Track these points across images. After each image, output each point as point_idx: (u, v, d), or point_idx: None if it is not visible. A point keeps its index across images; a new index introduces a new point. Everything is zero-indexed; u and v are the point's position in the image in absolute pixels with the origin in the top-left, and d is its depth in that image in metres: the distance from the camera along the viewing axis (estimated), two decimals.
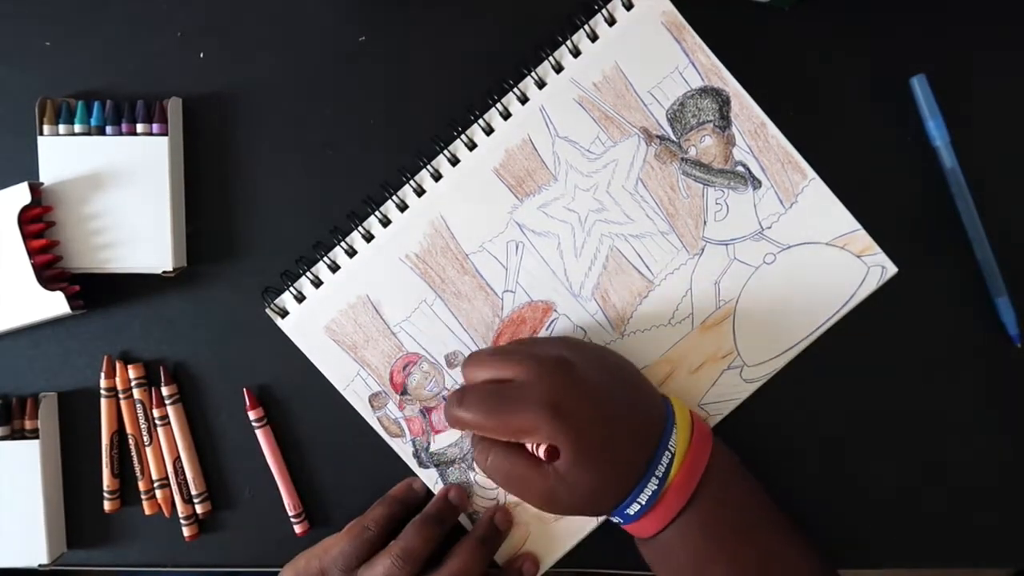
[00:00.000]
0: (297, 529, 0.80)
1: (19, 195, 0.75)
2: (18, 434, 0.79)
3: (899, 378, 0.78)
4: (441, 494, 0.77)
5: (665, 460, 0.67)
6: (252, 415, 0.79)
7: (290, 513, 0.80)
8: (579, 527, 0.78)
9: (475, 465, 0.77)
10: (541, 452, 0.68)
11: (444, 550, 0.75)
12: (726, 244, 0.76)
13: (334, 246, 0.77)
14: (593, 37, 0.75)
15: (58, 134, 0.76)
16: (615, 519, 0.70)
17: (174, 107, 0.77)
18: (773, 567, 0.70)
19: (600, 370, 0.70)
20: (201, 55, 0.79)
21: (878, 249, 0.75)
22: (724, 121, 0.75)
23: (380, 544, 0.75)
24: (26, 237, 0.75)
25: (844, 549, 0.79)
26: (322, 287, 0.77)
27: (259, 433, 0.79)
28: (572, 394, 0.67)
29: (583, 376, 0.68)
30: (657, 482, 0.67)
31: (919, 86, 0.76)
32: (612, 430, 0.67)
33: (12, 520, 0.78)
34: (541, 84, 0.76)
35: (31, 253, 0.75)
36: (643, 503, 0.67)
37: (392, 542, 0.74)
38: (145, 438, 0.80)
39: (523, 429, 0.67)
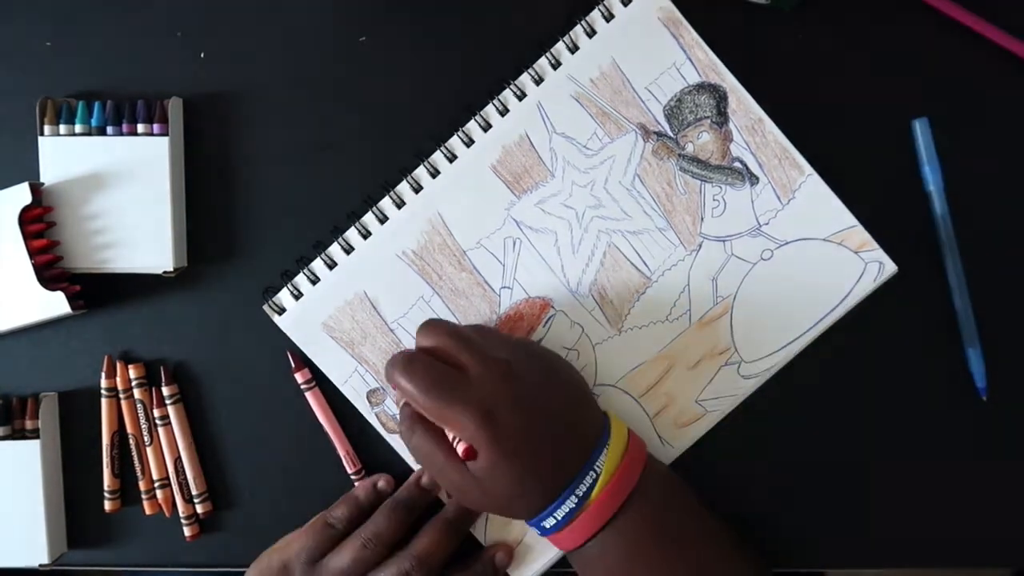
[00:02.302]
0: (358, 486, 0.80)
1: (20, 195, 0.75)
2: (18, 434, 0.79)
3: (899, 377, 0.78)
4: (413, 478, 0.78)
5: (588, 480, 0.67)
6: (299, 377, 0.79)
7: (349, 471, 0.79)
8: None
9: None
10: (460, 449, 0.68)
11: (417, 526, 0.76)
12: (723, 240, 0.76)
13: (332, 243, 0.78)
14: (591, 33, 0.75)
15: (59, 134, 0.77)
16: (531, 527, 0.70)
17: (174, 107, 0.78)
18: None
19: (543, 383, 0.70)
20: (201, 55, 0.79)
21: (876, 245, 0.75)
22: (721, 117, 0.75)
23: (342, 538, 0.75)
24: (27, 237, 0.75)
25: (844, 548, 0.79)
26: (319, 284, 0.77)
27: (308, 396, 0.79)
28: (508, 406, 0.66)
29: (524, 390, 0.68)
30: (576, 500, 0.66)
31: (920, 130, 0.76)
32: (538, 446, 0.67)
33: (12, 520, 0.78)
34: (539, 80, 0.76)
35: (32, 253, 0.75)
36: (559, 519, 0.67)
37: (360, 527, 0.75)
38: (146, 438, 0.80)
39: (451, 421, 0.67)
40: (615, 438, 0.69)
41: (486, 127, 0.76)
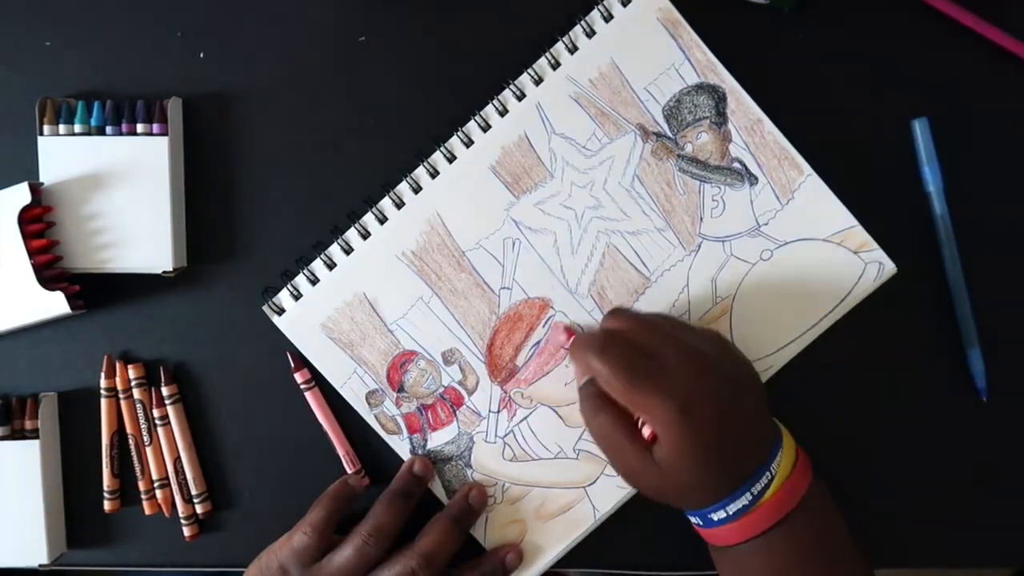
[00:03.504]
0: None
1: (19, 195, 0.75)
2: (18, 434, 0.79)
3: (899, 377, 0.78)
4: (405, 467, 0.78)
5: (764, 480, 0.66)
6: (299, 377, 0.79)
7: (349, 471, 0.79)
8: (576, 525, 0.78)
9: (580, 413, 0.72)
10: (646, 432, 0.68)
11: (417, 527, 0.76)
12: (723, 241, 0.76)
13: (331, 243, 0.78)
14: (590, 33, 0.75)
15: (58, 134, 0.77)
16: (692, 518, 0.70)
17: (174, 107, 0.78)
18: None
19: (734, 381, 0.69)
20: (201, 55, 0.79)
21: (875, 245, 0.75)
22: (720, 117, 0.75)
23: (327, 538, 0.75)
24: (26, 237, 0.75)
25: None
26: (319, 284, 0.77)
27: (308, 396, 0.79)
28: (705, 398, 0.66)
29: (719, 385, 0.67)
30: (750, 498, 0.66)
31: (920, 130, 0.76)
32: (726, 441, 0.67)
33: (12, 520, 0.78)
34: (538, 81, 0.76)
35: (31, 253, 0.75)
36: (729, 513, 0.67)
37: (360, 522, 0.75)
38: (145, 438, 0.80)
39: (645, 407, 0.66)
40: (786, 443, 0.69)
41: (485, 127, 0.76)
